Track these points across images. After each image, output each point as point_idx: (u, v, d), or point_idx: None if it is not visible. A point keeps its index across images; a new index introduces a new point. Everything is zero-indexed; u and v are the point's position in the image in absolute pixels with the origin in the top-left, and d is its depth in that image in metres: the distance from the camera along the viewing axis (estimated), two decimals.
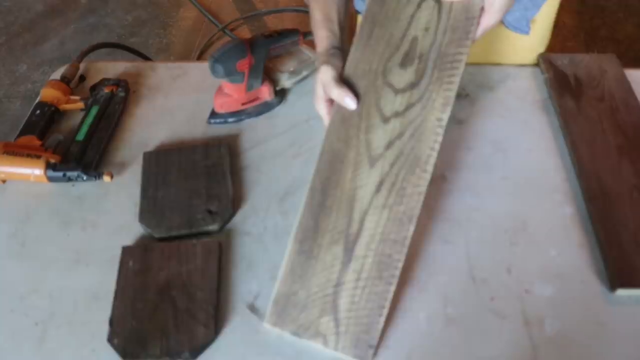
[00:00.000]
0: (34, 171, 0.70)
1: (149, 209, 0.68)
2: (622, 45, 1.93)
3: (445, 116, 0.56)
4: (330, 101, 0.60)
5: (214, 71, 0.75)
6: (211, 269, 0.61)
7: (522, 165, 0.72)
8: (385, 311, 0.54)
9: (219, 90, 0.80)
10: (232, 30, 2.16)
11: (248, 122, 0.80)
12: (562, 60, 0.83)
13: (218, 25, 2.13)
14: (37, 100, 0.82)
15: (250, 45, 0.75)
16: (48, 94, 0.81)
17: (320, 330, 0.54)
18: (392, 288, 0.54)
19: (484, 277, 0.61)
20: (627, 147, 0.70)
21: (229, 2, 2.28)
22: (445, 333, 0.56)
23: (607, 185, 0.66)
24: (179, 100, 0.84)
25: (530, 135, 0.75)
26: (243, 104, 0.79)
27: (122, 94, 0.83)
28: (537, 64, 0.85)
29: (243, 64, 0.75)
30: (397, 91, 0.57)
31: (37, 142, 0.75)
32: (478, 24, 0.58)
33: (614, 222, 0.63)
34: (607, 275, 0.60)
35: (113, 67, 0.90)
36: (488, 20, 0.57)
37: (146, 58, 1.21)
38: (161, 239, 0.66)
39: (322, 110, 0.62)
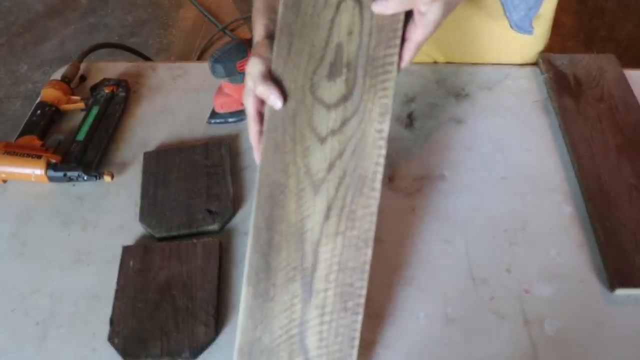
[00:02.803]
0: (35, 171, 0.71)
1: (150, 208, 0.68)
2: (622, 45, 1.94)
3: (386, 127, 0.50)
4: (260, 98, 0.54)
5: (214, 71, 0.75)
6: (211, 268, 0.61)
7: (522, 165, 0.72)
8: (357, 342, 0.50)
9: (219, 90, 0.80)
10: (232, 30, 2.16)
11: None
12: (562, 60, 0.83)
13: (218, 26, 2.13)
14: (37, 101, 0.82)
15: (250, 45, 0.76)
16: (49, 94, 0.82)
17: None
18: (360, 318, 0.50)
19: (483, 277, 0.61)
20: (626, 147, 0.70)
21: (229, 2, 2.28)
22: (445, 333, 0.57)
23: (606, 184, 0.66)
24: (179, 100, 0.84)
25: (530, 135, 0.76)
26: (243, 104, 0.79)
27: (122, 94, 0.83)
28: (536, 64, 0.85)
29: (243, 64, 0.75)
30: (329, 107, 0.52)
31: (38, 142, 0.75)
32: (405, 27, 0.51)
33: (613, 221, 0.63)
34: (607, 274, 0.60)
35: (113, 67, 0.90)
36: (421, 34, 0.51)
37: (146, 58, 1.21)
38: (161, 239, 0.66)
39: (250, 106, 0.55)
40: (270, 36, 0.57)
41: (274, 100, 0.52)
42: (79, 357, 0.57)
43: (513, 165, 0.72)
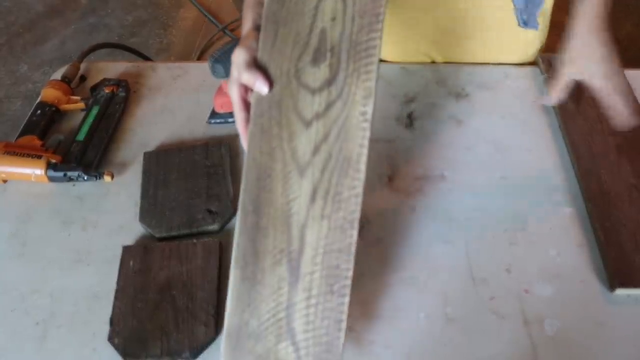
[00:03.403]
0: (35, 171, 0.71)
1: (150, 208, 0.68)
2: (621, 45, 1.93)
3: (369, 109, 0.52)
4: (244, 86, 0.56)
5: (214, 71, 0.75)
6: (211, 268, 0.62)
7: (522, 165, 0.72)
8: (344, 325, 0.50)
9: (219, 90, 0.80)
10: (232, 30, 2.16)
11: None
12: None
13: (218, 26, 2.13)
14: (37, 101, 0.82)
15: None
16: (49, 94, 0.82)
17: (280, 357, 0.51)
18: (346, 300, 0.51)
19: (483, 276, 0.61)
20: (626, 147, 0.70)
21: (229, 2, 2.28)
22: (445, 333, 0.57)
23: (606, 185, 0.66)
24: (179, 100, 0.84)
25: (530, 135, 0.76)
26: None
27: (122, 94, 0.83)
28: (536, 64, 0.86)
29: None
30: (313, 91, 0.53)
31: (38, 142, 0.75)
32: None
33: (613, 221, 0.63)
34: (607, 274, 0.60)
35: (113, 67, 0.90)
36: (604, 88, 0.57)
37: (146, 58, 1.21)
38: (161, 239, 0.66)
39: (235, 95, 0.56)
40: (257, 29, 0.58)
41: (260, 86, 0.53)
42: (79, 357, 0.57)
43: (513, 165, 0.72)
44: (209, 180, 0.71)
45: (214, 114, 0.80)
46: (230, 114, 0.80)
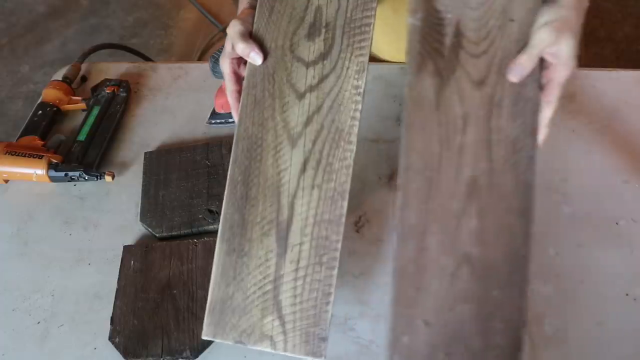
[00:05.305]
0: (36, 171, 0.71)
1: (150, 208, 0.68)
2: (620, 46, 1.94)
3: (362, 83, 0.53)
4: (237, 59, 0.57)
5: (214, 71, 0.75)
6: (212, 268, 0.62)
7: None
8: (332, 299, 0.50)
9: (220, 90, 0.80)
10: None
11: None
12: None
13: (219, 26, 2.13)
14: (39, 101, 0.82)
15: None
16: (50, 94, 0.82)
17: (265, 332, 0.50)
18: (335, 272, 0.50)
19: None
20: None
21: (229, 2, 2.29)
22: None
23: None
24: (179, 101, 0.84)
25: None
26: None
27: (123, 95, 0.83)
28: None
29: None
30: (307, 64, 0.54)
31: (39, 142, 0.76)
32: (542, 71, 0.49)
33: None
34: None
35: (114, 68, 0.91)
36: (563, 72, 0.50)
37: (147, 59, 1.21)
38: (162, 239, 0.66)
39: (226, 68, 0.57)
40: (253, 7, 0.58)
41: (254, 57, 0.54)
42: (80, 356, 0.57)
43: None
44: (210, 180, 0.71)
45: (214, 114, 0.80)
46: (230, 114, 0.80)
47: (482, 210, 0.49)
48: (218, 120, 0.80)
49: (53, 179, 0.72)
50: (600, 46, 1.93)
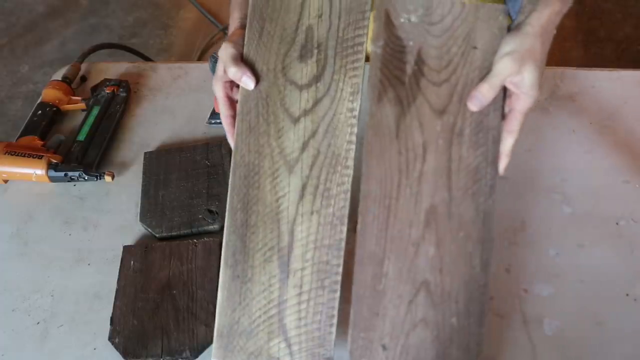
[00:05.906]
0: (36, 171, 0.71)
1: (150, 208, 0.68)
2: (620, 47, 1.94)
3: (357, 105, 0.52)
4: (229, 82, 0.56)
5: (214, 71, 0.75)
6: (212, 268, 0.62)
7: (522, 165, 0.72)
8: (335, 320, 0.51)
9: None
10: None
11: None
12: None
13: (218, 26, 2.13)
14: (38, 101, 0.82)
15: None
16: (49, 94, 0.82)
17: (272, 354, 0.51)
18: (337, 295, 0.51)
19: None
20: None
21: (229, 2, 2.29)
22: None
23: None
24: (179, 101, 0.84)
25: (530, 135, 0.76)
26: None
27: (123, 95, 0.83)
28: None
29: None
30: (301, 87, 0.53)
31: (39, 143, 0.76)
32: (505, 100, 0.49)
33: None
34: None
35: (114, 68, 0.91)
36: (525, 101, 0.50)
37: (147, 59, 1.21)
38: (162, 239, 0.66)
39: (219, 92, 0.56)
40: (244, 27, 0.58)
41: (246, 81, 0.53)
42: (79, 356, 0.57)
43: (513, 166, 0.72)
44: (209, 180, 0.71)
45: (214, 114, 0.80)
46: None
47: (441, 239, 0.49)
48: (218, 120, 0.80)
49: (53, 179, 0.72)
50: (600, 46, 1.93)
